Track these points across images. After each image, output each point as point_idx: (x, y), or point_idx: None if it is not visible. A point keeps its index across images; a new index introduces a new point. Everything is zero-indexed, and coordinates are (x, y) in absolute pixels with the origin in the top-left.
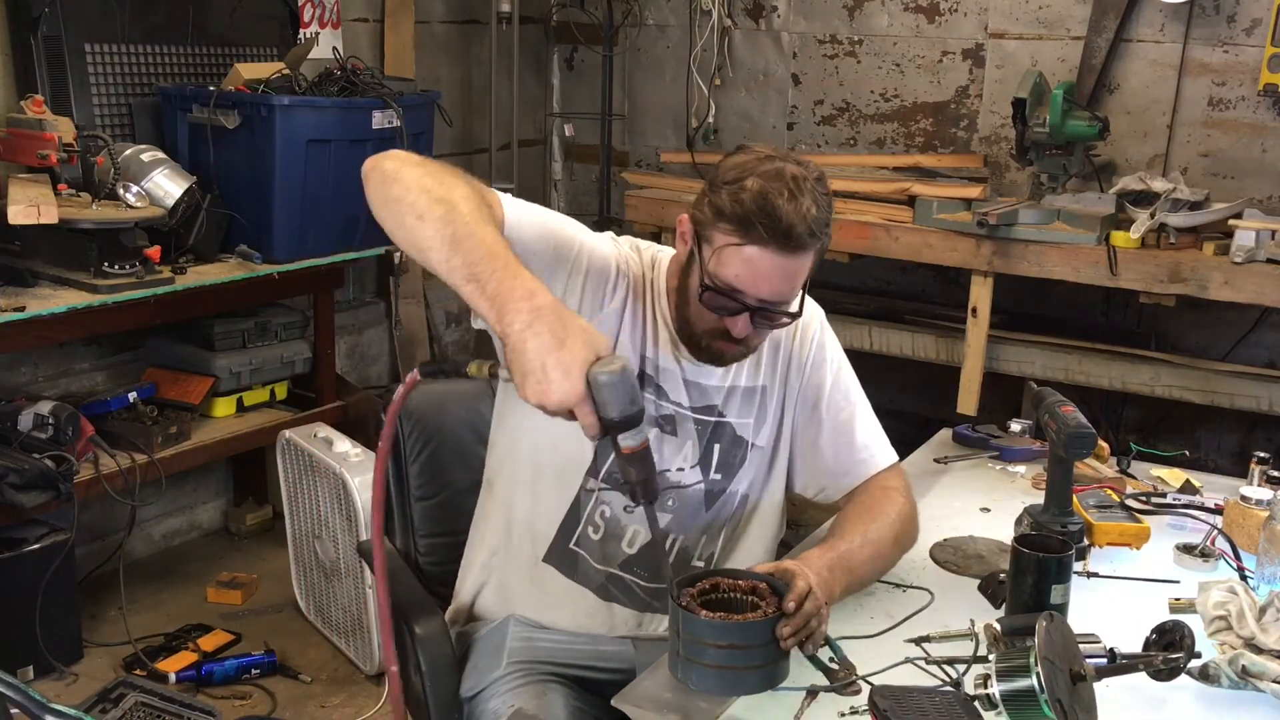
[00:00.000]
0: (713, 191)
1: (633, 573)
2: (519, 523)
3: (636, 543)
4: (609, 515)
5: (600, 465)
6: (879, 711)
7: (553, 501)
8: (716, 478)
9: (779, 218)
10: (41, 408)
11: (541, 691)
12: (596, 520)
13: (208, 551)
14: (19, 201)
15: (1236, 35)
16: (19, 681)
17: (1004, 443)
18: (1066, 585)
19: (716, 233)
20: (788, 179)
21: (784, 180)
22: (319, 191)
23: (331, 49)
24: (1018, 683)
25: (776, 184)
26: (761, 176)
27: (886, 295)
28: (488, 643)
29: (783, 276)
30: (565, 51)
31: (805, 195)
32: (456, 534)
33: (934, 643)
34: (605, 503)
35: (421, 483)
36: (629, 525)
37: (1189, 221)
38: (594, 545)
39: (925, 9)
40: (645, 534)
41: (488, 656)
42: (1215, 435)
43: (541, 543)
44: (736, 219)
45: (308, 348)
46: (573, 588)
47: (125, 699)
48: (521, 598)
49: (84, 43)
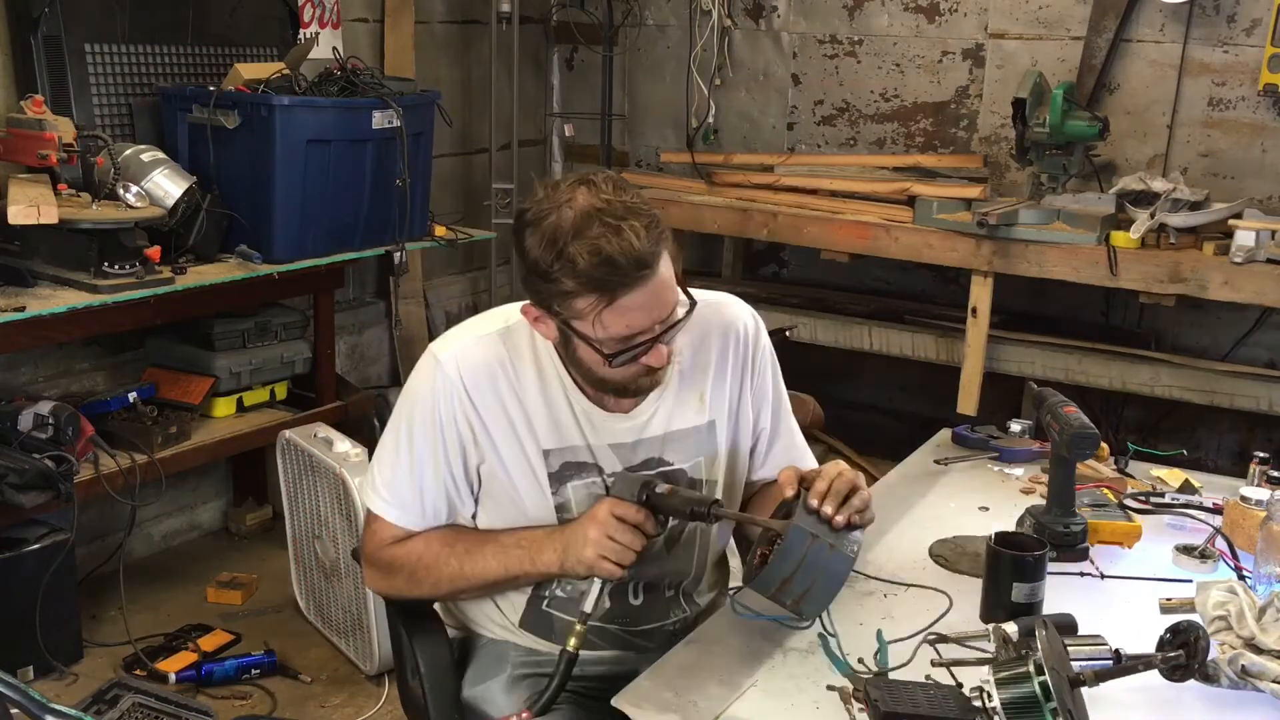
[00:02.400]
0: (543, 277)
1: (614, 622)
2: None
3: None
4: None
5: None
6: (870, 701)
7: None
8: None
9: (620, 263)
10: (41, 408)
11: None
12: (562, 582)
13: (208, 551)
14: (19, 201)
15: (1236, 35)
16: (19, 681)
17: (1003, 443)
18: (1036, 585)
19: (579, 305)
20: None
21: (593, 222)
22: (319, 191)
23: (331, 49)
24: (1019, 690)
25: (592, 232)
26: (574, 233)
27: (886, 295)
28: (490, 650)
29: (659, 297)
30: (565, 51)
31: (621, 220)
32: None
33: (949, 643)
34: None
35: None
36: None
37: (1189, 221)
38: (564, 604)
39: (925, 9)
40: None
41: (490, 662)
42: (1215, 435)
43: (514, 611)
44: (591, 286)
45: (308, 348)
46: (552, 648)
47: (121, 700)
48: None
49: (84, 43)
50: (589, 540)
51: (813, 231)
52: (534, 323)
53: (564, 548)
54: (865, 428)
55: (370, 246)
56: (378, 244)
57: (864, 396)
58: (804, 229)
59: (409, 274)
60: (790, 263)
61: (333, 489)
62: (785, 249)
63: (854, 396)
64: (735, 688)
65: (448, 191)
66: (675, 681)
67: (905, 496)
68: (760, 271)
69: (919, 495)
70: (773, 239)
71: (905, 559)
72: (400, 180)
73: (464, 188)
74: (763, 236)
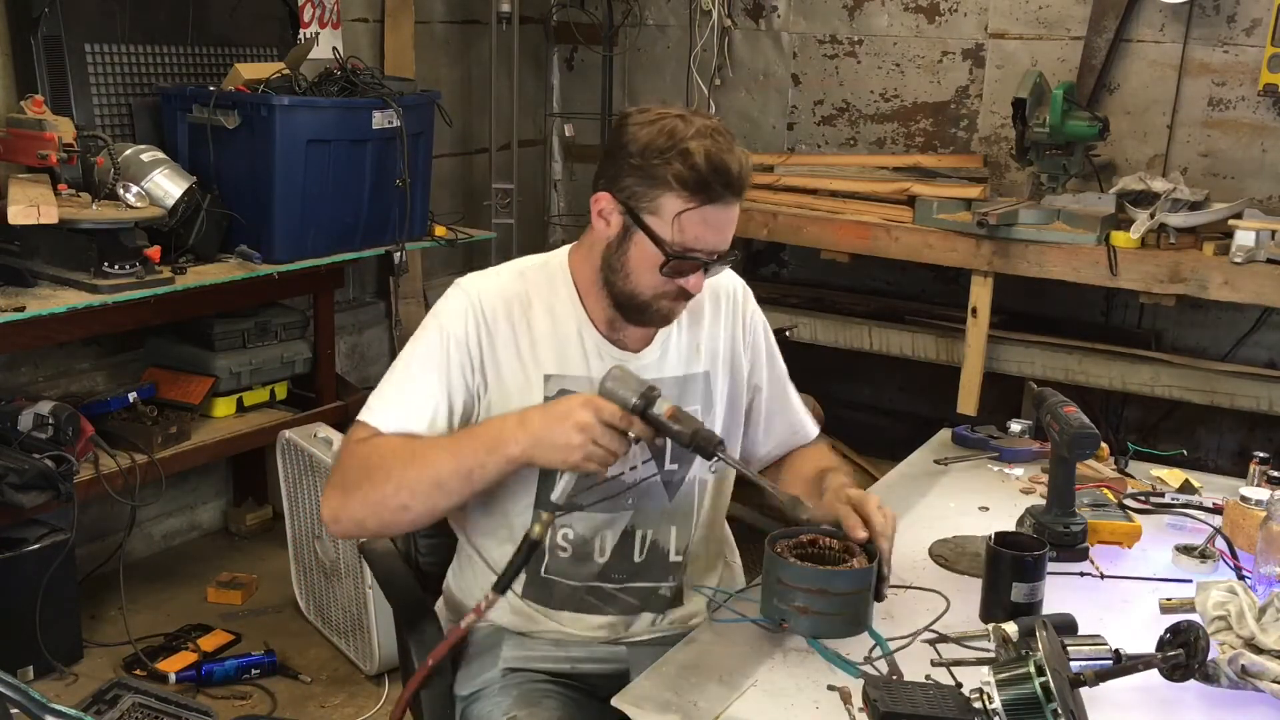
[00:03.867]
0: (649, 165)
1: (610, 579)
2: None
3: (608, 548)
4: (574, 535)
5: (545, 495)
6: (870, 701)
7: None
8: (673, 468)
9: (730, 172)
10: (41, 408)
11: (536, 699)
12: (561, 543)
13: (208, 551)
14: (19, 201)
15: (1236, 35)
16: (19, 681)
17: (1003, 443)
18: (1036, 585)
19: (666, 201)
20: (715, 134)
21: (713, 136)
22: (319, 191)
23: (331, 49)
24: (1020, 691)
25: (714, 142)
26: (697, 138)
27: (886, 295)
28: (482, 645)
29: (731, 224)
30: (565, 51)
31: (736, 144)
32: (452, 536)
33: (949, 643)
34: (565, 526)
35: None
36: (598, 536)
37: (1189, 221)
38: (566, 565)
39: (925, 9)
40: (614, 538)
41: (483, 658)
42: (1215, 435)
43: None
44: (693, 184)
45: (308, 348)
46: (552, 614)
47: (121, 700)
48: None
49: (84, 43)
50: (572, 445)
51: (813, 231)
52: (598, 215)
53: (533, 440)
54: (865, 428)
55: (370, 246)
56: (378, 244)
57: (864, 396)
58: (804, 229)
59: (409, 274)
60: (790, 262)
61: None
62: (785, 249)
63: (854, 396)
64: (735, 688)
65: (448, 191)
66: (675, 681)
67: (905, 496)
68: (760, 271)
69: (919, 495)
70: (773, 239)
71: (905, 559)
72: (400, 180)
73: (464, 188)
74: (763, 236)
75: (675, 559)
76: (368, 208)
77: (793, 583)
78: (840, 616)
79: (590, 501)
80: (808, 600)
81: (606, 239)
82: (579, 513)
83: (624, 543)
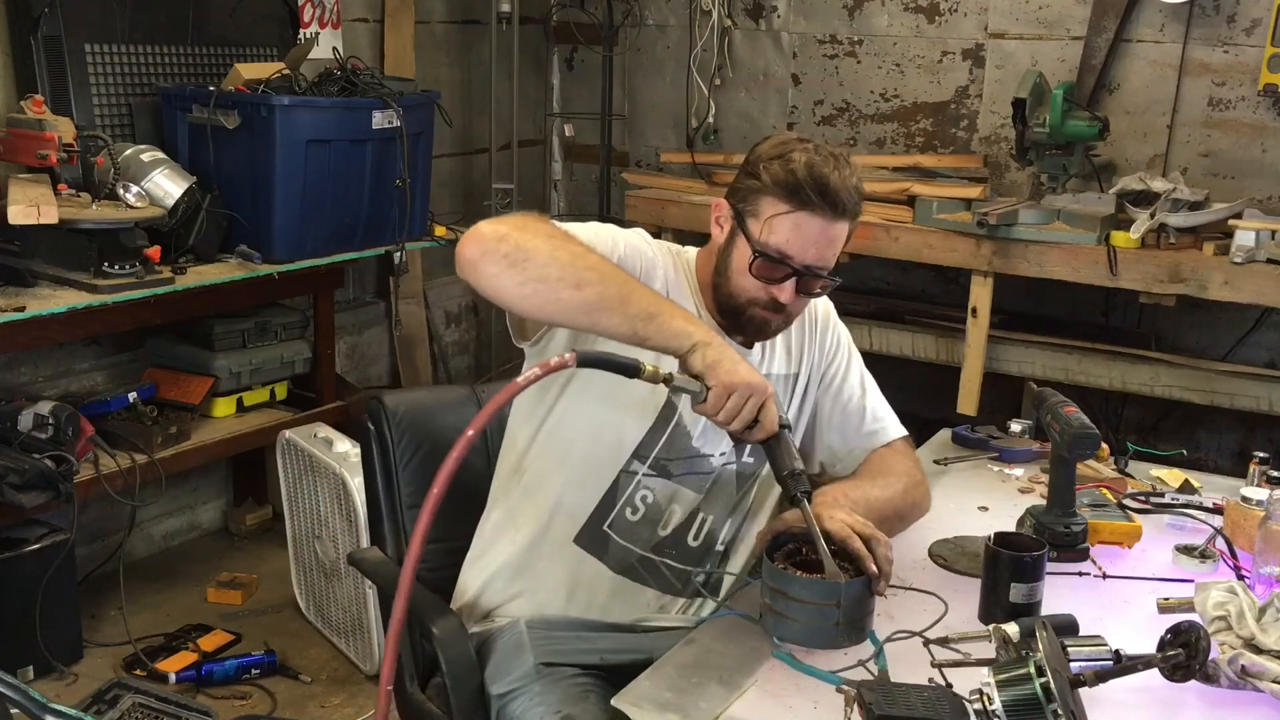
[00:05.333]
0: (755, 167)
1: (664, 554)
2: (554, 507)
3: (671, 525)
4: (651, 500)
5: (648, 451)
6: (865, 704)
7: (589, 485)
8: (749, 461)
9: (827, 184)
10: (41, 408)
11: (581, 695)
12: (636, 503)
13: (208, 551)
14: (19, 201)
15: (1236, 35)
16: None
17: (1003, 444)
18: (1035, 585)
19: (764, 204)
20: (826, 154)
21: (824, 155)
22: (319, 191)
23: (331, 49)
24: (1019, 692)
25: (820, 157)
26: (804, 151)
27: (886, 295)
28: (506, 642)
29: (827, 241)
30: (565, 51)
31: (846, 168)
32: (450, 540)
33: (952, 645)
34: (648, 488)
35: (413, 490)
36: (670, 509)
37: (1189, 221)
38: (629, 527)
39: (925, 9)
40: (681, 516)
41: (510, 657)
42: (1215, 435)
43: (573, 524)
44: (787, 187)
45: (308, 348)
46: (600, 570)
47: (121, 700)
48: (544, 580)
49: (84, 43)
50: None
51: None
52: (715, 222)
53: (702, 343)
54: None
55: (370, 246)
56: (378, 244)
57: None
58: None
59: (409, 274)
60: None
61: (333, 489)
62: None
63: None
64: (735, 688)
65: (448, 191)
66: (675, 681)
67: None
68: None
69: None
70: None
71: (905, 559)
72: (400, 180)
73: (464, 188)
74: None
75: (719, 548)
76: (368, 208)
77: (769, 581)
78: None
79: (679, 473)
80: (772, 599)
81: (719, 244)
82: (660, 480)
83: (686, 522)
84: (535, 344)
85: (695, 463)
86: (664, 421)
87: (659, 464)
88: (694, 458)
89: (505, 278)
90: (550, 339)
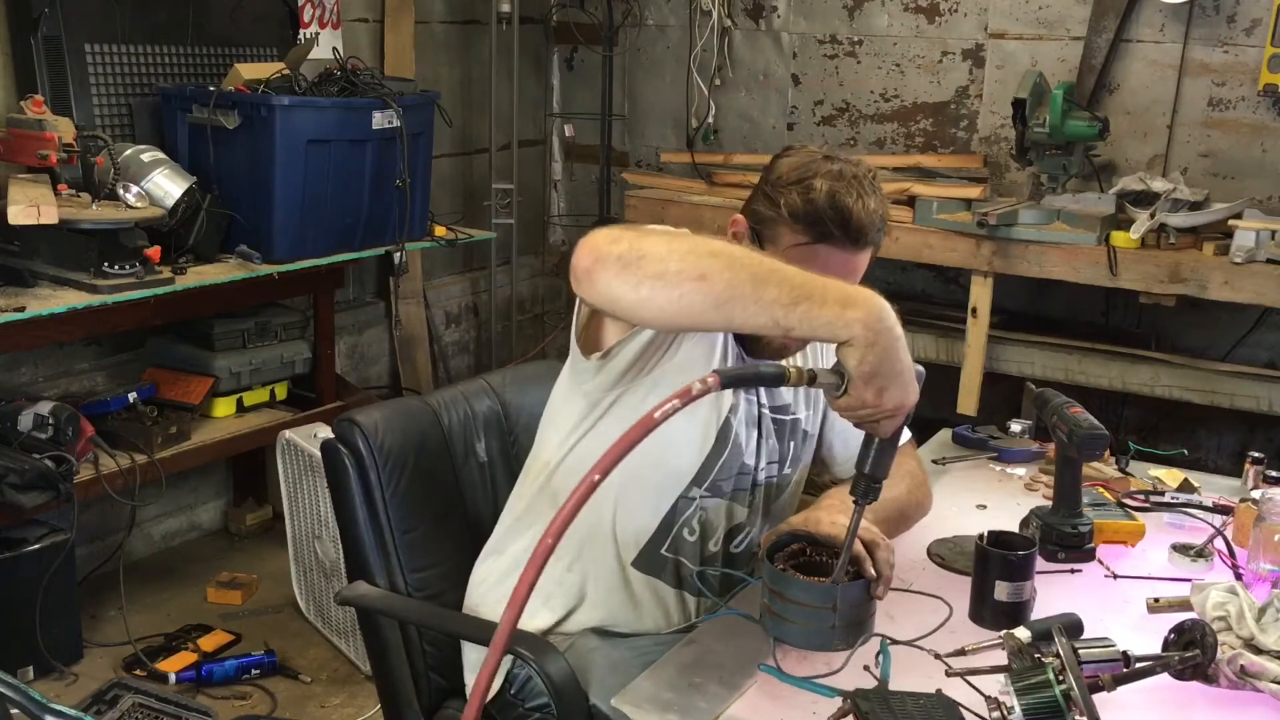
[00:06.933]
0: (774, 191)
1: (714, 565)
2: (601, 531)
3: (720, 536)
4: (705, 519)
5: (706, 475)
6: (860, 713)
7: (646, 510)
8: (788, 472)
9: (850, 217)
10: (41, 408)
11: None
12: (694, 525)
13: (208, 551)
14: (19, 201)
15: (1236, 35)
16: (19, 681)
17: (1003, 444)
18: (1021, 584)
19: (782, 232)
20: (849, 179)
21: (848, 180)
22: (319, 191)
23: (331, 49)
24: (1039, 698)
25: (842, 184)
26: (826, 177)
27: (886, 295)
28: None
29: (847, 273)
30: (565, 51)
31: (870, 195)
32: (441, 564)
33: (966, 655)
34: (704, 508)
35: (401, 515)
36: (720, 521)
37: (1189, 221)
38: (688, 547)
39: (925, 9)
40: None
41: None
42: (1215, 435)
43: (630, 549)
44: (808, 219)
45: (308, 348)
46: (660, 587)
47: (121, 700)
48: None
49: (84, 43)
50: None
51: None
52: (731, 237)
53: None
54: None
55: (370, 247)
56: (378, 244)
57: None
58: None
59: (409, 274)
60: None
61: None
62: None
63: None
64: (735, 688)
65: (448, 191)
66: (675, 681)
67: None
68: None
69: None
70: None
71: (905, 560)
72: (400, 180)
73: (464, 188)
74: None
75: (754, 551)
76: (368, 208)
77: (768, 582)
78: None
79: (729, 490)
80: (770, 600)
81: None
82: (715, 500)
83: (731, 535)
84: (604, 357)
85: (742, 479)
86: (722, 442)
87: (715, 485)
88: (743, 474)
89: (619, 282)
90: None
